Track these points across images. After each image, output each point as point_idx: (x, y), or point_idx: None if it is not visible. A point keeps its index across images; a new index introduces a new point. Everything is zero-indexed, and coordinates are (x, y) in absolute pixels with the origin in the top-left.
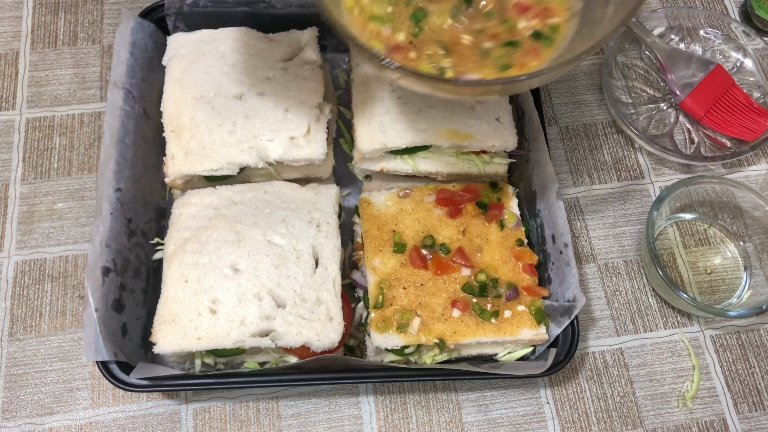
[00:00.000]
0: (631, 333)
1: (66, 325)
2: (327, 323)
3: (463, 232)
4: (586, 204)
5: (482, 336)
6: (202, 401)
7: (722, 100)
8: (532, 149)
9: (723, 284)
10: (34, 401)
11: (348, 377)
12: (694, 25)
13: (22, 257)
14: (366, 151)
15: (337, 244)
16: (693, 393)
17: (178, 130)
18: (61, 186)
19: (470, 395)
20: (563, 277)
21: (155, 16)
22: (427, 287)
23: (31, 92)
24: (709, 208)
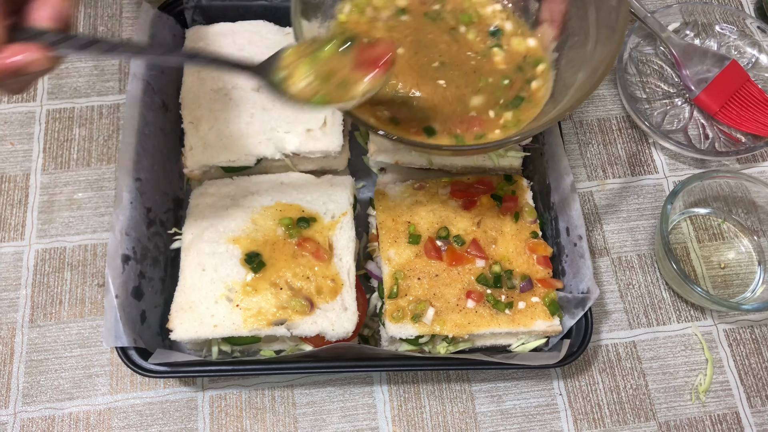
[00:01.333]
0: (644, 326)
1: (85, 312)
2: (342, 313)
3: (478, 223)
4: (599, 198)
5: (496, 327)
6: (219, 389)
7: (737, 95)
8: (546, 143)
9: (737, 279)
10: (54, 386)
11: (362, 365)
12: (709, 20)
13: (43, 246)
14: (381, 143)
15: (351, 235)
16: (706, 386)
17: (196, 121)
18: (80, 176)
19: (483, 386)
20: (577, 269)
21: (174, 10)
22: (442, 278)
23: (51, 84)
24: (723, 203)
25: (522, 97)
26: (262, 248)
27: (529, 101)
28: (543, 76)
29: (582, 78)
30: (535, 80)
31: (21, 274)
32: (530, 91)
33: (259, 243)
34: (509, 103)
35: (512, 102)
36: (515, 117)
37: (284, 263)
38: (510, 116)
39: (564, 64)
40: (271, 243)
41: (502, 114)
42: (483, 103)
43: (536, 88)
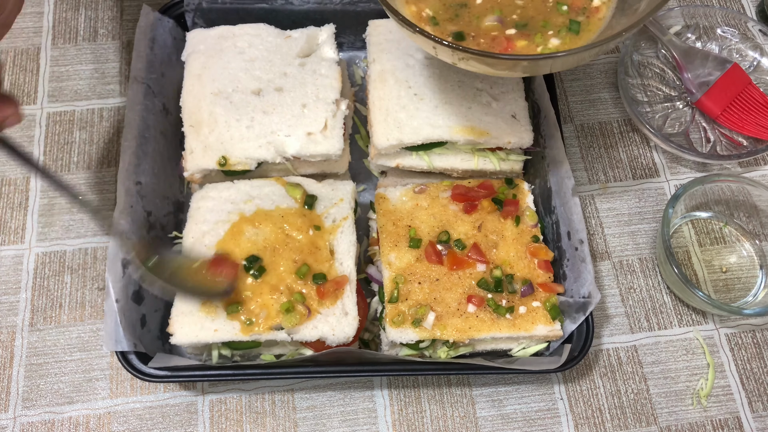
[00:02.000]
0: (645, 330)
1: (85, 316)
2: (342, 318)
3: (479, 227)
4: (601, 201)
5: (497, 331)
6: (219, 393)
7: (739, 98)
8: (548, 146)
9: (738, 283)
10: (53, 390)
11: (362, 370)
12: (711, 23)
13: (43, 249)
14: (382, 147)
15: (352, 240)
16: (707, 391)
17: (197, 125)
18: (81, 179)
19: (484, 390)
20: (578, 273)
21: (174, 13)
22: (443, 282)
23: (52, 87)
24: (724, 207)
25: (578, 21)
26: (263, 253)
27: (585, 27)
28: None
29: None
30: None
31: (21, 278)
32: (589, 11)
33: (259, 247)
34: (560, 29)
35: (565, 28)
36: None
37: (285, 268)
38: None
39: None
40: (271, 248)
41: (546, 41)
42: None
43: (597, 6)
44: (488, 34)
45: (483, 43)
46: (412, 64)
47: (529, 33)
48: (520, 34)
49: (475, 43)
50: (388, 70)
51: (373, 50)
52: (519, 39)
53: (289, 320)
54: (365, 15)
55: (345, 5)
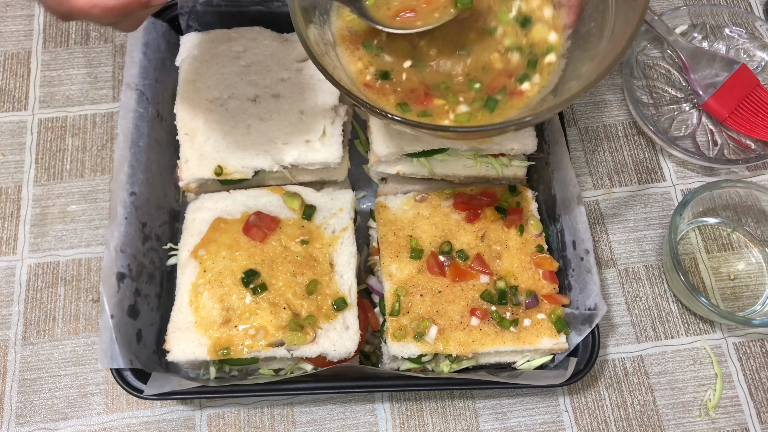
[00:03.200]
0: (651, 340)
1: (79, 329)
2: (343, 332)
3: (482, 237)
4: (606, 207)
5: (501, 345)
6: (217, 407)
7: (747, 100)
8: (552, 152)
9: (746, 291)
10: (47, 406)
11: (363, 386)
12: (718, 23)
13: (35, 260)
14: (382, 154)
15: (353, 251)
16: (715, 402)
17: (191, 132)
18: (73, 188)
19: (487, 403)
20: (584, 284)
21: (168, 16)
22: (445, 294)
23: (43, 92)
24: (732, 212)
25: (495, 99)
26: (261, 266)
27: (503, 105)
28: (549, 68)
29: (592, 66)
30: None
31: (13, 290)
32: (511, 92)
33: (257, 261)
34: (474, 101)
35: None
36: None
37: (284, 282)
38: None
39: (576, 52)
40: (269, 261)
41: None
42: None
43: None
44: (409, 87)
45: (400, 92)
46: None
47: (444, 94)
48: (439, 93)
49: (396, 87)
50: None
51: None
52: (437, 97)
53: (294, 339)
54: None
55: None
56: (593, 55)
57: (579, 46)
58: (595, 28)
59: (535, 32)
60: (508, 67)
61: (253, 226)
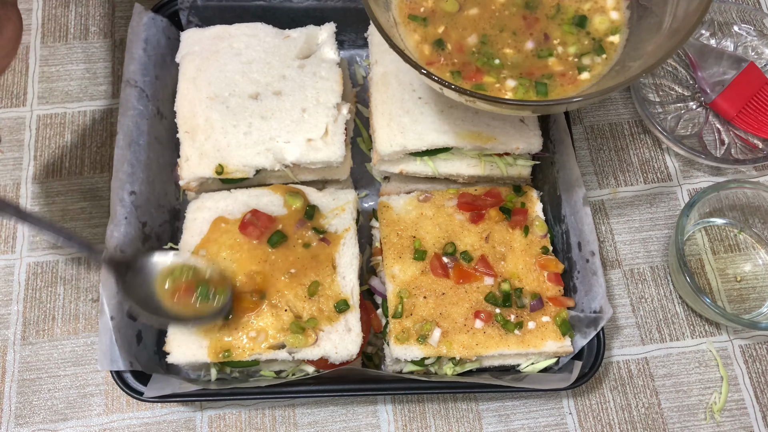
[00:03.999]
0: (657, 342)
1: (79, 329)
2: (345, 335)
3: (486, 238)
4: (611, 207)
5: (505, 348)
6: (218, 408)
7: (755, 99)
8: (557, 151)
9: (753, 292)
10: (47, 407)
11: (365, 389)
12: (726, 19)
13: (34, 259)
14: (385, 153)
15: (355, 252)
16: (721, 405)
17: (192, 131)
18: (73, 185)
19: (491, 405)
20: (589, 286)
21: (168, 11)
22: (449, 296)
23: (41, 88)
24: (739, 213)
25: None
26: (261, 266)
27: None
28: (611, 47)
29: (658, 41)
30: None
31: (12, 289)
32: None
33: (257, 261)
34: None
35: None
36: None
37: (285, 283)
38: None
39: (638, 27)
40: (270, 261)
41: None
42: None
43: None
44: (465, 57)
45: (456, 63)
46: None
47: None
48: (489, 68)
49: (449, 60)
50: (391, 73)
51: (375, 51)
52: (486, 74)
53: (296, 341)
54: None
55: (346, 2)
56: (657, 30)
57: (641, 20)
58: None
59: (595, 24)
60: (566, 66)
61: (249, 224)
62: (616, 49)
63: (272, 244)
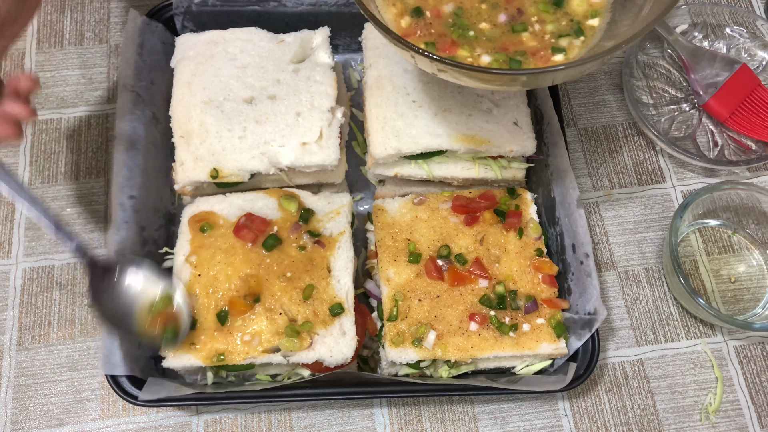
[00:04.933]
0: (651, 343)
1: (75, 334)
2: (340, 338)
3: (481, 241)
4: (605, 209)
5: (500, 350)
6: (214, 412)
7: (748, 101)
8: (551, 154)
9: (747, 293)
10: (43, 412)
11: (361, 392)
12: (719, 21)
13: (30, 264)
14: (380, 156)
15: (350, 255)
16: (716, 406)
17: (187, 135)
18: (69, 191)
19: (487, 407)
20: (584, 288)
21: (163, 16)
22: (443, 299)
23: (37, 93)
24: (733, 214)
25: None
26: (257, 270)
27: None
28: (591, 31)
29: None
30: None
31: (8, 294)
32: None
33: (252, 264)
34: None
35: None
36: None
37: (280, 287)
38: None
39: (618, 10)
40: (265, 265)
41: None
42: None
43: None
44: (441, 28)
45: (433, 34)
46: (410, 70)
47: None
48: (465, 41)
49: (426, 31)
50: (386, 76)
51: (370, 55)
52: (461, 47)
53: (290, 345)
54: (361, 16)
55: (340, 6)
56: (637, 14)
57: (622, 3)
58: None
59: (573, 6)
60: (541, 44)
61: (243, 227)
62: (595, 33)
63: (267, 248)
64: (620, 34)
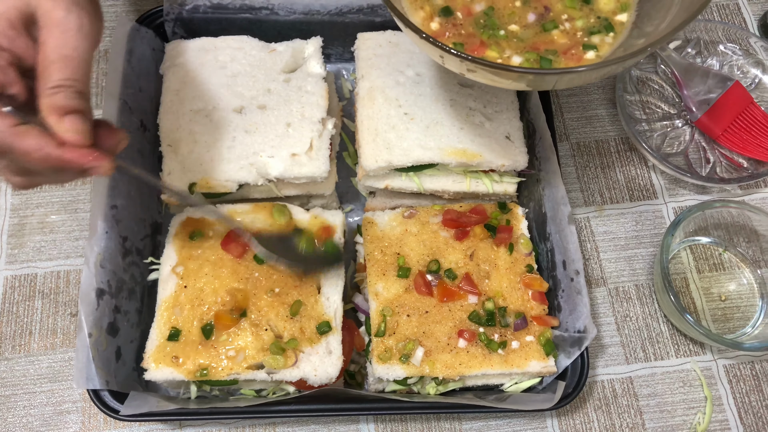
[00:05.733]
0: (641, 361)
1: (57, 344)
2: (326, 357)
3: (471, 256)
4: (597, 225)
5: (488, 368)
6: (197, 427)
7: (740, 118)
8: (543, 169)
9: (737, 312)
10: (22, 424)
11: (347, 408)
12: (712, 38)
13: (12, 272)
14: (370, 168)
15: (340, 273)
16: (705, 426)
17: (175, 144)
18: (53, 198)
19: (474, 424)
20: (574, 305)
21: (153, 22)
22: (432, 315)
23: None
24: (724, 232)
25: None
26: (244, 284)
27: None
28: (620, 27)
29: (667, 20)
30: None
31: None
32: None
33: (240, 277)
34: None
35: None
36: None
37: (266, 302)
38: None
39: (647, 6)
40: (253, 279)
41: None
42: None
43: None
44: (471, 28)
45: (463, 34)
46: (403, 82)
47: (501, 43)
48: (496, 42)
49: (455, 32)
50: (378, 88)
51: (362, 65)
52: (490, 49)
53: (275, 363)
54: (354, 26)
55: (333, 16)
56: (666, 10)
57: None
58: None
59: (600, 4)
60: (572, 41)
61: (231, 241)
62: (625, 29)
63: (258, 261)
64: (649, 33)
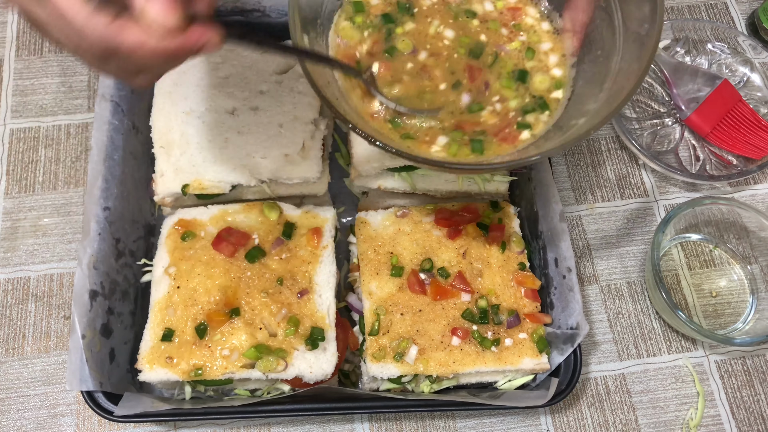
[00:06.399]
0: (634, 357)
1: (50, 347)
2: (320, 354)
3: (463, 254)
4: (588, 222)
5: (482, 365)
6: (191, 428)
7: (729, 116)
8: (534, 168)
9: (728, 308)
10: (16, 428)
11: (342, 407)
12: (701, 37)
13: (5, 275)
14: (363, 169)
15: (332, 270)
16: (697, 421)
17: (167, 146)
18: (46, 201)
19: (468, 422)
20: (566, 303)
21: None
22: (426, 313)
23: (15, 101)
24: (714, 228)
25: (479, 140)
26: (236, 283)
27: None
28: (555, 104)
29: (601, 99)
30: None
31: None
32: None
33: (232, 276)
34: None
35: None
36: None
37: (260, 300)
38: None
39: (581, 84)
40: (246, 278)
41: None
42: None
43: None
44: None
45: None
46: None
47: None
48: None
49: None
50: None
51: None
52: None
53: (265, 366)
54: None
55: None
56: (600, 87)
57: (585, 77)
58: (602, 56)
59: (535, 83)
60: (504, 121)
61: (222, 240)
62: (560, 106)
63: (250, 259)
64: (584, 109)
